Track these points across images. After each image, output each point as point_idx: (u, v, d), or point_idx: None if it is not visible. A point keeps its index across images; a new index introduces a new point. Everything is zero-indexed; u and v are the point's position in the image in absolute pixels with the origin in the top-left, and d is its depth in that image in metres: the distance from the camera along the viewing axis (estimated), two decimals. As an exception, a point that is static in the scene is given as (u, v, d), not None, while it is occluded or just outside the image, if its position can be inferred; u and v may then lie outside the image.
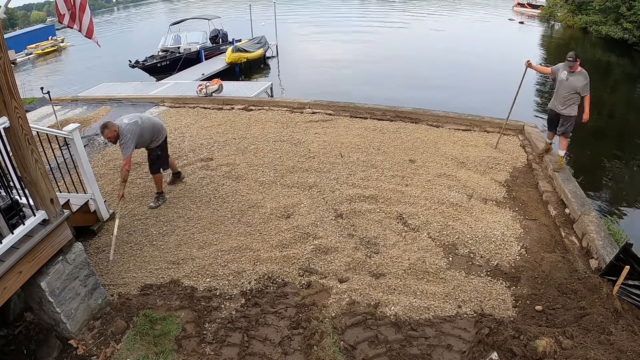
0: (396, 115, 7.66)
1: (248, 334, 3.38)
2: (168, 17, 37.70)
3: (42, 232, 3.07)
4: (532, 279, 3.78)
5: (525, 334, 3.04)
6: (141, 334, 3.36)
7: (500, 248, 4.21)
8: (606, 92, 14.45)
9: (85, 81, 16.83)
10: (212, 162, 6.32)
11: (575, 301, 3.44)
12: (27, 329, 3.52)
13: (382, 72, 16.83)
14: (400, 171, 5.73)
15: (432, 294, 3.69)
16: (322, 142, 6.71)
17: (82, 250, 3.46)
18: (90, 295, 3.53)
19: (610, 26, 21.18)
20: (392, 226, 4.61)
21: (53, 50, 30.23)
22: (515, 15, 32.25)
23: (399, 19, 31.95)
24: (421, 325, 3.38)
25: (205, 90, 9.84)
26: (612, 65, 18.61)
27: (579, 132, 10.80)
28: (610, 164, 8.95)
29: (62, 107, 10.21)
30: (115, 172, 6.23)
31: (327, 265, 4.08)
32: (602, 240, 3.99)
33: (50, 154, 4.77)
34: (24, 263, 2.93)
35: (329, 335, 3.26)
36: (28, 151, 2.92)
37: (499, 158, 5.97)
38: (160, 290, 3.90)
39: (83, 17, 6.21)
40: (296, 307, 3.62)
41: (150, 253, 4.44)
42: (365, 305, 3.58)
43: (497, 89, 13.84)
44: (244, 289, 3.86)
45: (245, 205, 5.16)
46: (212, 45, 19.21)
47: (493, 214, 4.75)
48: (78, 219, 4.54)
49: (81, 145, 4.65)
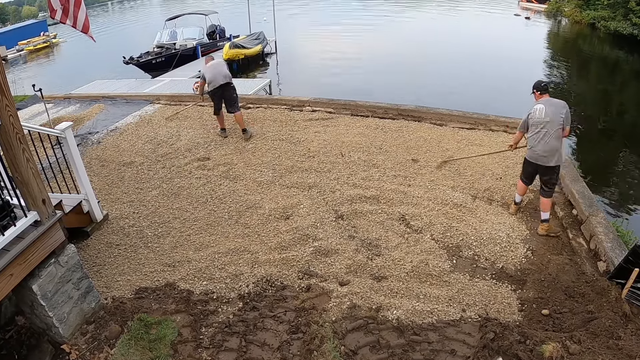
0: (398, 114, 7.66)
1: (246, 339, 3.38)
2: (164, 12, 37.73)
3: (34, 233, 3.07)
4: (539, 282, 3.79)
5: (532, 339, 3.05)
6: (136, 339, 3.36)
7: (505, 250, 4.21)
8: (615, 90, 14.46)
9: (78, 78, 16.84)
10: (209, 162, 6.33)
11: (582, 305, 3.44)
12: (19, 333, 3.51)
13: (385, 69, 16.85)
14: (403, 171, 5.73)
15: (435, 297, 3.69)
16: (322, 141, 6.71)
17: (75, 253, 3.46)
18: (84, 298, 3.53)
19: (619, 22, 21.17)
20: (394, 228, 4.61)
21: (45, 46, 30.25)
22: (521, 11, 32.24)
23: (401, 13, 31.97)
24: (424, 329, 3.38)
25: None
26: (621, 61, 18.61)
27: (587, 131, 10.85)
28: (619, 163, 8.96)
29: (54, 105, 10.21)
30: (107, 172, 6.23)
31: (327, 268, 4.08)
32: (611, 242, 3.98)
33: (42, 153, 4.78)
34: (15, 265, 2.93)
35: (329, 340, 3.26)
36: (19, 150, 2.92)
37: (505, 157, 5.96)
38: (156, 294, 3.90)
39: (78, 12, 6.23)
40: (295, 311, 3.62)
41: (145, 255, 4.44)
42: (367, 309, 3.58)
43: (501, 86, 13.86)
44: (242, 293, 3.86)
45: (243, 206, 5.16)
46: (209, 41, 19.23)
47: (498, 215, 4.75)
48: (71, 220, 4.53)
49: (74, 144, 4.65)
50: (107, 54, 21.06)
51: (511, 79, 14.60)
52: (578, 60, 18.99)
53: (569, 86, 15.17)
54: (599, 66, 18.03)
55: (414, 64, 17.62)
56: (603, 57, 19.31)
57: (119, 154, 6.79)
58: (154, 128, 7.78)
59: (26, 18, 50.27)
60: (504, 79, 14.80)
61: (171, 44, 18.08)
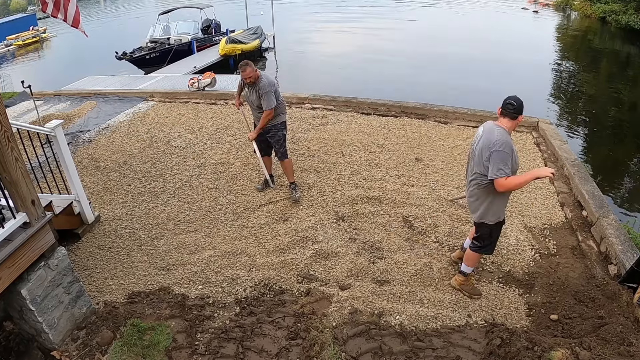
0: (402, 111, 7.67)
1: (243, 345, 3.37)
2: (156, 6, 37.72)
3: (23, 235, 3.07)
4: (547, 286, 3.79)
5: (540, 345, 3.05)
6: (129, 345, 3.36)
7: (512, 253, 4.21)
8: (626, 86, 14.46)
9: (68, 74, 16.82)
10: (204, 161, 6.33)
11: (593, 310, 3.44)
12: (7, 339, 3.51)
13: (388, 65, 16.83)
14: (406, 171, 5.74)
15: (439, 302, 3.69)
16: (322, 140, 6.71)
17: (66, 255, 3.46)
18: (75, 303, 3.53)
19: (631, 15, 21.21)
20: (397, 229, 4.61)
21: (35, 41, 30.19)
22: (529, 4, 32.27)
23: (406, 7, 31.97)
24: (428, 335, 3.38)
25: (197, 84, 9.83)
26: (633, 57, 18.61)
27: (597, 129, 10.85)
28: (631, 163, 8.95)
29: (44, 102, 10.22)
30: (100, 172, 6.23)
31: (327, 272, 4.08)
32: (622, 244, 3.98)
33: (32, 152, 4.78)
34: (4, 269, 2.92)
35: (329, 346, 3.26)
36: (7, 149, 2.92)
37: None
38: (149, 298, 3.89)
39: (69, 5, 6.22)
40: (294, 316, 3.62)
41: (139, 258, 4.45)
42: (369, 314, 3.58)
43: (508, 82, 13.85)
44: (239, 297, 3.86)
45: (240, 207, 5.17)
46: (204, 36, 19.22)
47: (505, 217, 4.74)
48: (61, 222, 4.54)
49: (65, 143, 4.65)
50: (99, 49, 21.06)
51: (516, 75, 14.61)
52: (588, 55, 18.99)
53: (578, 83, 15.17)
54: (609, 62, 18.02)
55: (417, 60, 17.61)
56: (614, 53, 19.30)
57: (111, 153, 6.79)
58: (147, 126, 7.79)
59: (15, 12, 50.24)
60: (510, 75, 14.80)
61: (165, 38, 18.07)
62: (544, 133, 6.56)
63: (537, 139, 6.56)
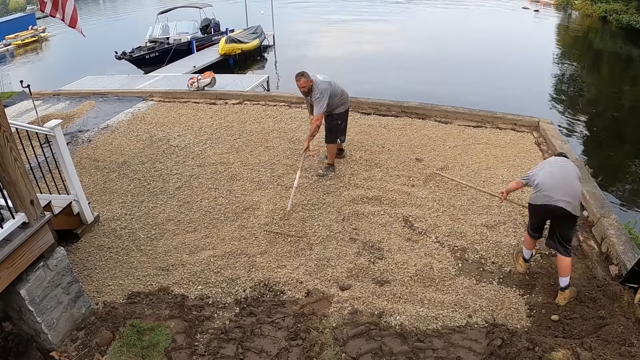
0: (402, 111, 7.66)
1: (243, 346, 3.38)
2: (156, 5, 37.72)
3: (22, 235, 3.07)
4: (548, 286, 3.79)
5: (541, 346, 3.05)
6: (128, 346, 3.36)
7: (513, 253, 4.21)
8: (627, 86, 14.47)
9: (68, 74, 16.82)
10: (204, 161, 6.32)
11: (594, 310, 3.45)
12: (6, 340, 3.51)
13: (388, 65, 16.85)
14: (406, 171, 5.74)
15: (440, 302, 3.70)
16: (322, 140, 6.70)
17: (65, 256, 3.47)
18: (74, 303, 3.54)
19: (632, 15, 21.21)
20: (397, 230, 4.61)
21: (33, 40, 30.19)
22: (530, 3, 32.29)
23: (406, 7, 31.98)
24: (429, 336, 3.38)
25: (197, 84, 9.82)
26: (634, 57, 18.62)
27: (598, 129, 10.86)
28: (632, 163, 8.96)
29: (43, 101, 10.21)
30: (99, 172, 6.23)
31: (327, 272, 4.07)
32: (623, 244, 3.98)
33: (31, 152, 4.78)
34: (2, 269, 2.93)
35: (329, 347, 3.26)
36: (6, 149, 2.92)
37: (512, 157, 5.97)
38: (149, 299, 3.90)
39: (66, 4, 6.22)
40: (294, 316, 3.62)
41: (138, 259, 4.45)
42: (369, 315, 3.59)
43: (508, 82, 13.87)
44: (239, 297, 3.86)
45: (239, 207, 5.16)
46: (203, 35, 19.24)
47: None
48: (60, 222, 4.54)
49: (64, 142, 4.65)
50: (98, 48, 21.06)
51: (517, 75, 14.62)
52: (589, 55, 19.02)
53: (579, 82, 15.18)
54: (610, 61, 18.04)
55: (418, 60, 17.62)
56: (615, 52, 19.31)
57: (110, 152, 6.79)
58: (147, 126, 7.78)
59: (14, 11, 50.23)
60: (510, 75, 14.81)
61: (164, 38, 18.09)
62: (545, 133, 6.57)
63: (538, 139, 6.56)
